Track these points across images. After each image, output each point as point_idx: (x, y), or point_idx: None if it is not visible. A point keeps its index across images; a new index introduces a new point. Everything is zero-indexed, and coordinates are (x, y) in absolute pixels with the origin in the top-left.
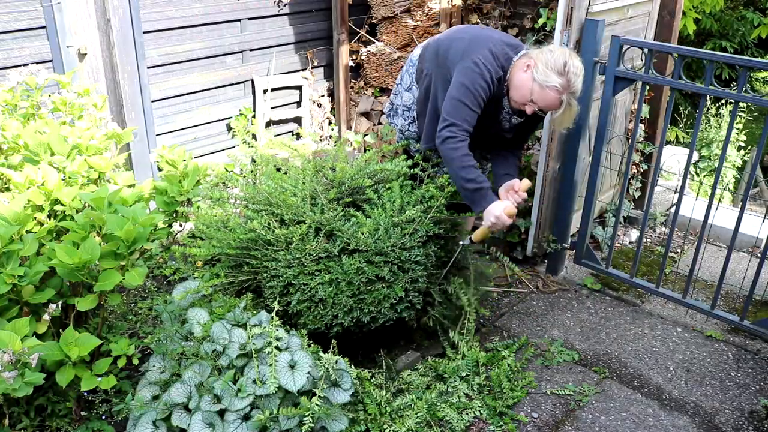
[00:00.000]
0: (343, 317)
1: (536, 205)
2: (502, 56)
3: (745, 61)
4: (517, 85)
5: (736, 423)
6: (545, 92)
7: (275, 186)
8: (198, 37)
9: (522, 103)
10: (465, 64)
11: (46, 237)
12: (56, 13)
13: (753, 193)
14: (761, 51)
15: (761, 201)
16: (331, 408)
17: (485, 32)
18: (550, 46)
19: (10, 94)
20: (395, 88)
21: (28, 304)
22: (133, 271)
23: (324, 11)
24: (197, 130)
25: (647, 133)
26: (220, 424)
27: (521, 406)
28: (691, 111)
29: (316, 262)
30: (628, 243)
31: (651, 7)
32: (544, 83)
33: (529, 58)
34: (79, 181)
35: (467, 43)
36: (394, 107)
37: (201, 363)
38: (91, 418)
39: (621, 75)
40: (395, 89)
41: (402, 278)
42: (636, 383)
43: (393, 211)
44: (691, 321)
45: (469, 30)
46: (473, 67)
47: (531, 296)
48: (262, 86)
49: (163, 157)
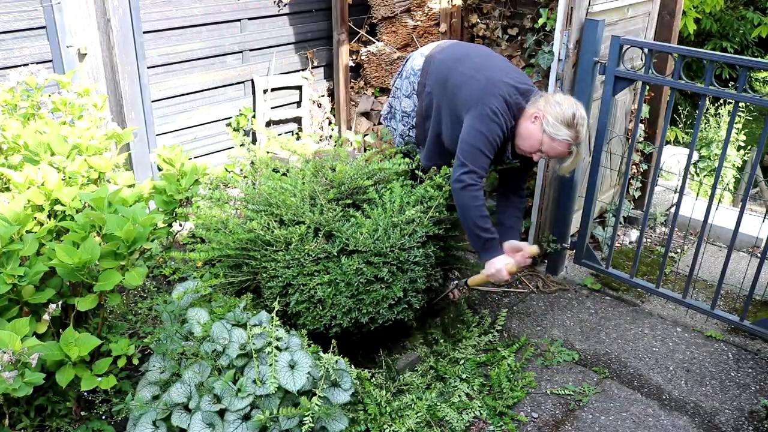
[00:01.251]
0: (342, 318)
1: (536, 205)
2: (514, 106)
3: (745, 61)
4: (525, 135)
5: (736, 423)
6: (555, 144)
7: (275, 186)
8: (198, 37)
9: (530, 152)
10: (483, 111)
11: (46, 237)
12: (56, 13)
13: (753, 193)
14: (761, 51)
15: (761, 201)
16: (331, 408)
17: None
18: (557, 96)
19: (10, 94)
20: (394, 92)
21: (28, 304)
22: (133, 271)
23: (324, 11)
24: (197, 130)
25: (647, 133)
26: (220, 424)
27: (521, 406)
28: (690, 111)
29: (315, 263)
30: (628, 243)
31: (651, 7)
32: (555, 136)
33: (537, 108)
34: (79, 181)
35: (484, 86)
36: (392, 111)
37: (201, 363)
38: (91, 418)
39: (621, 75)
40: (394, 92)
41: (401, 279)
42: (636, 383)
43: (392, 212)
44: (691, 321)
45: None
46: (492, 117)
47: (531, 296)
48: (262, 86)
49: (162, 157)
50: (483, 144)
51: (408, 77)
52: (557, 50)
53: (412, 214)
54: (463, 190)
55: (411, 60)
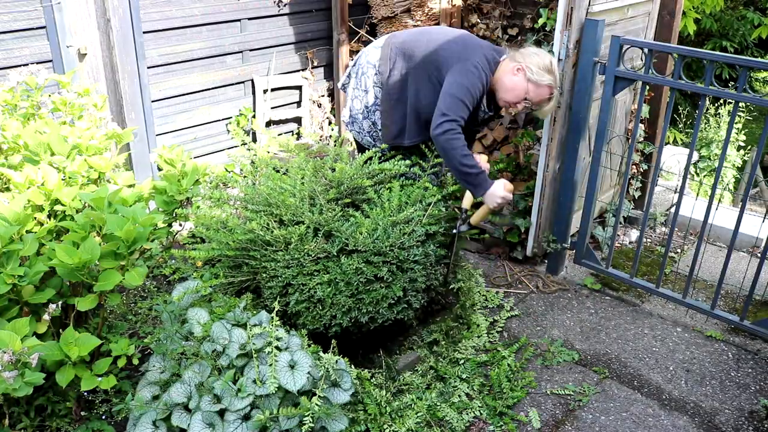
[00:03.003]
0: (342, 317)
1: (536, 205)
2: (492, 61)
3: (745, 61)
4: (510, 87)
5: (736, 423)
6: (541, 89)
7: (274, 186)
8: (198, 37)
9: (515, 102)
10: (465, 67)
11: (46, 237)
12: (56, 13)
13: (753, 193)
14: (761, 51)
15: (761, 201)
16: (331, 408)
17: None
18: (530, 48)
19: (10, 94)
20: (353, 93)
21: (28, 304)
22: (133, 271)
23: (324, 11)
24: (197, 130)
25: (647, 133)
26: (220, 424)
27: (521, 406)
28: (690, 111)
29: (315, 263)
30: (628, 243)
31: (651, 7)
32: (540, 82)
33: (516, 62)
34: (79, 181)
35: (462, 47)
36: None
37: (201, 363)
38: (91, 418)
39: (621, 75)
40: (353, 94)
41: (400, 278)
42: (636, 383)
43: (391, 211)
44: (691, 321)
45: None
46: (473, 70)
47: (531, 296)
48: (262, 86)
49: (163, 157)
50: (464, 95)
51: (365, 73)
52: (557, 50)
53: (411, 212)
54: (444, 135)
55: (363, 56)
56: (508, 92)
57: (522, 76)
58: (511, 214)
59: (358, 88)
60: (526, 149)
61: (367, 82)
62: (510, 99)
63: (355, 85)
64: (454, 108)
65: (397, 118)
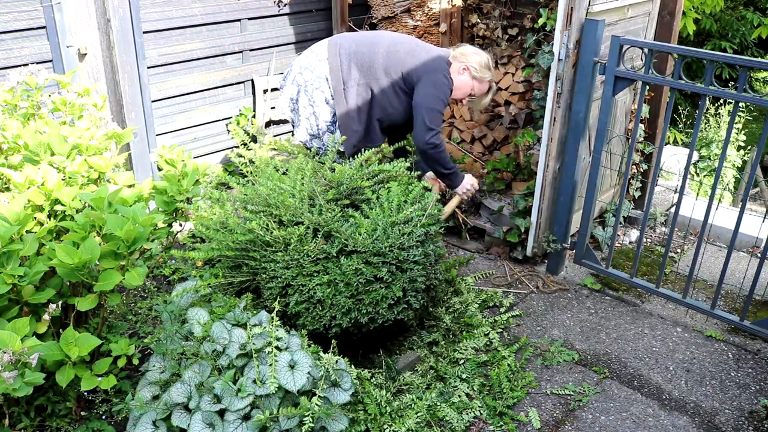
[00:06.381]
0: (342, 318)
1: (536, 205)
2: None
3: (745, 61)
4: (458, 86)
5: (736, 423)
6: (483, 85)
7: (273, 187)
8: (198, 37)
9: (462, 98)
10: (437, 78)
11: (46, 237)
12: (56, 13)
13: (753, 193)
14: (761, 51)
15: (761, 201)
16: (331, 408)
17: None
18: (467, 48)
19: (10, 94)
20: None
21: (28, 304)
22: (133, 271)
23: (324, 11)
24: (197, 130)
25: (647, 133)
26: (220, 424)
27: (521, 406)
28: (690, 111)
29: (315, 263)
30: (628, 243)
31: (651, 7)
32: (483, 79)
33: (460, 62)
34: (79, 181)
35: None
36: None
37: (201, 363)
38: (91, 418)
39: (621, 75)
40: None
41: (400, 278)
42: (636, 383)
43: (390, 211)
44: (691, 321)
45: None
46: (444, 81)
47: (531, 296)
48: (262, 86)
49: (163, 157)
50: (441, 106)
51: (317, 88)
52: (557, 50)
53: (410, 213)
54: (435, 149)
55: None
56: (457, 90)
57: (468, 75)
58: (511, 214)
59: (313, 104)
60: (526, 149)
61: (322, 97)
62: (458, 96)
63: (309, 102)
64: (436, 120)
65: (359, 128)
